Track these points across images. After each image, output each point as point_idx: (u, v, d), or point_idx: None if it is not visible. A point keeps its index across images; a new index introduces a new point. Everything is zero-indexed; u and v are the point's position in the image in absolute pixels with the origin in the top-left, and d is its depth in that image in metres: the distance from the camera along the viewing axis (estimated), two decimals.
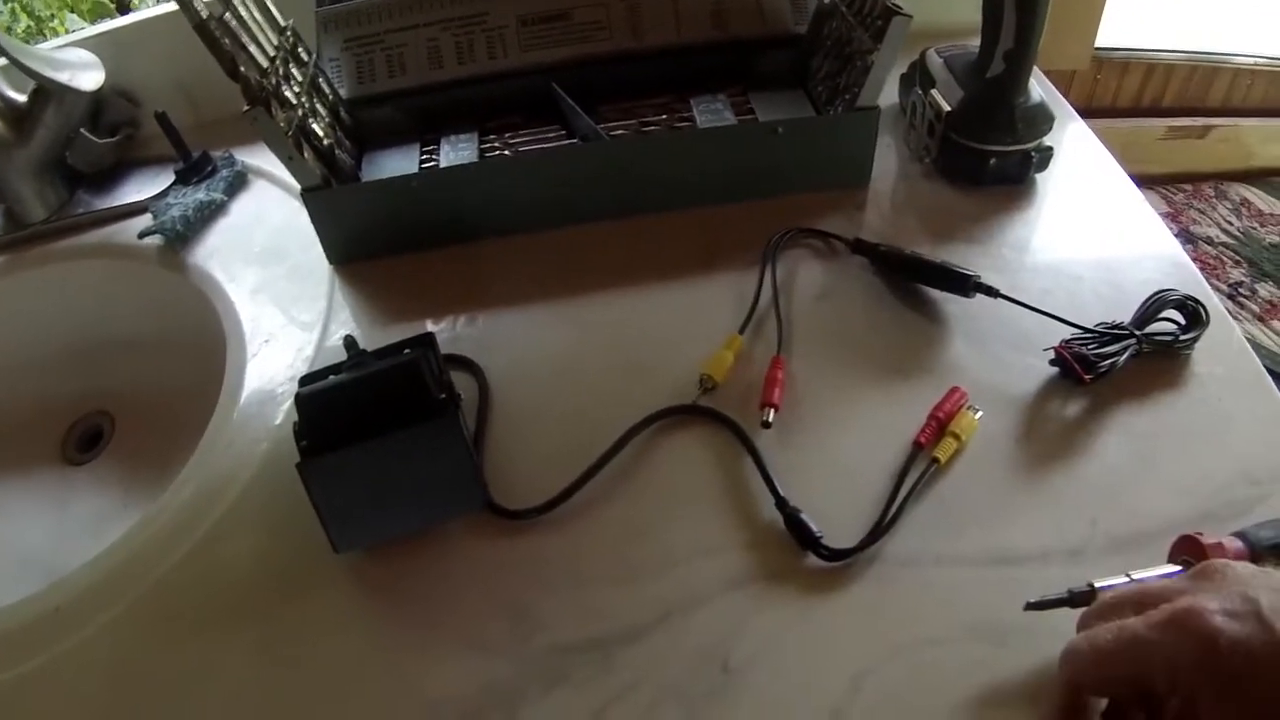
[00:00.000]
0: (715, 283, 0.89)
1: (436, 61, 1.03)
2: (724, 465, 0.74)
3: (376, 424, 0.68)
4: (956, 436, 0.71)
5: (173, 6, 1.13)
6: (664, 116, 1.02)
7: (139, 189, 1.12)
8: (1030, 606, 0.60)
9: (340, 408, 0.70)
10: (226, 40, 0.82)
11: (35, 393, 1.10)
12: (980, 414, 0.73)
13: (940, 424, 0.72)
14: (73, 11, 1.75)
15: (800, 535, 0.67)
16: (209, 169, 1.12)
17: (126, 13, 1.24)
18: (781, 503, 0.69)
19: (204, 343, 0.97)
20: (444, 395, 0.70)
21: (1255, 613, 0.46)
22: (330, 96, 1.00)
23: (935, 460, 0.70)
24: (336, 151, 0.95)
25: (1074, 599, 0.59)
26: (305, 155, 0.88)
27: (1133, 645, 0.50)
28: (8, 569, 0.95)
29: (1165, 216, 1.50)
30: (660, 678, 0.62)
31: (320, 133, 0.93)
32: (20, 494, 1.04)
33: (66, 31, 1.70)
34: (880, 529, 0.67)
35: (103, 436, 1.09)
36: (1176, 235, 0.91)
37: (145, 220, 1.07)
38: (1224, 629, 0.46)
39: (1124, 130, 1.65)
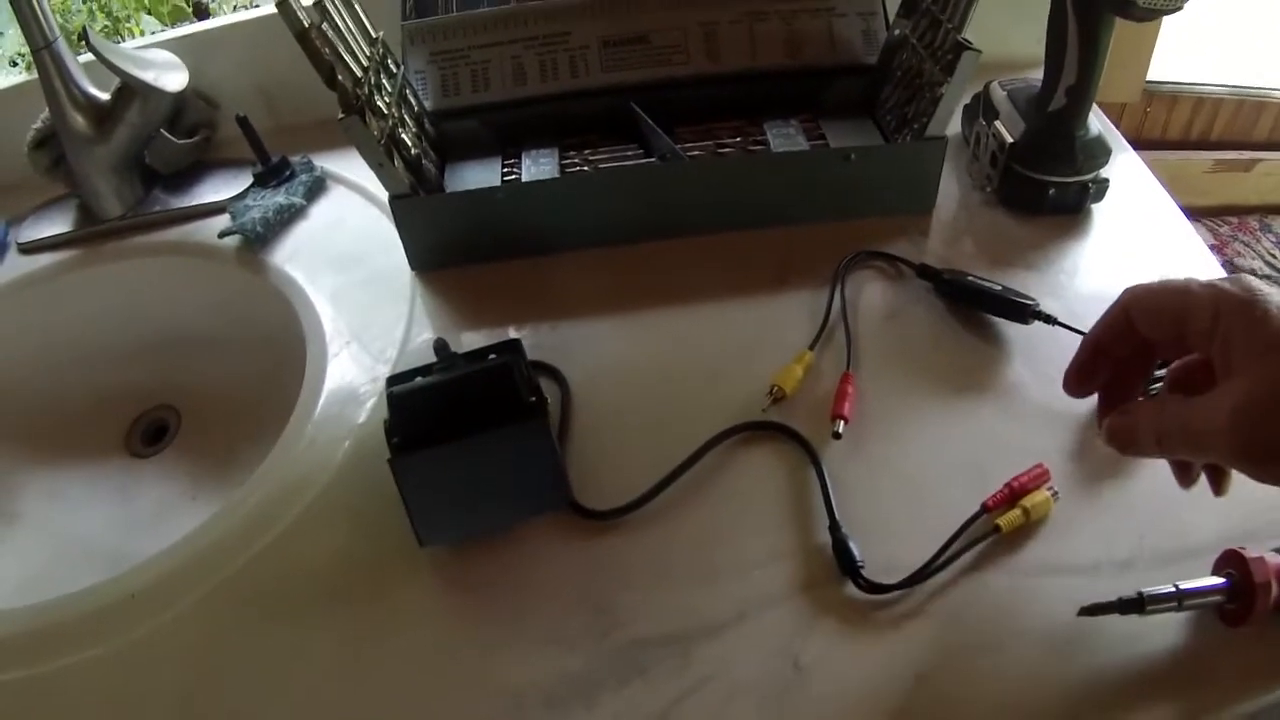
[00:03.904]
0: (787, 300, 0.91)
1: (520, 78, 1.05)
2: (795, 476, 0.76)
3: (467, 424, 0.70)
4: (1026, 512, 0.70)
5: (254, 13, 1.17)
6: (738, 139, 1.05)
7: (215, 190, 1.15)
8: (1083, 612, 0.63)
9: (431, 407, 0.72)
10: (326, 50, 0.85)
11: (103, 385, 1.12)
12: (1058, 497, 0.72)
13: (1013, 493, 0.72)
14: (149, 14, 1.78)
15: (843, 561, 0.69)
16: (287, 173, 1.14)
17: (205, 17, 1.27)
18: (834, 526, 0.71)
19: (278, 343, 1.00)
20: (533, 398, 0.73)
21: None
22: (416, 108, 1.03)
23: (997, 528, 0.70)
24: (423, 161, 0.97)
25: (1124, 606, 0.62)
26: (395, 164, 0.91)
27: (1189, 285, 0.56)
28: (73, 558, 0.97)
29: (1210, 249, 1.52)
30: (734, 673, 0.65)
31: (409, 142, 0.95)
32: (85, 485, 1.06)
33: (141, 33, 1.73)
34: (924, 573, 0.68)
35: (168, 431, 1.11)
36: (1221, 267, 0.93)
37: (221, 221, 1.09)
38: (1268, 291, 0.53)
39: (1172, 162, 1.67)
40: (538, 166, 1.03)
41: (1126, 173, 1.03)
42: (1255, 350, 0.52)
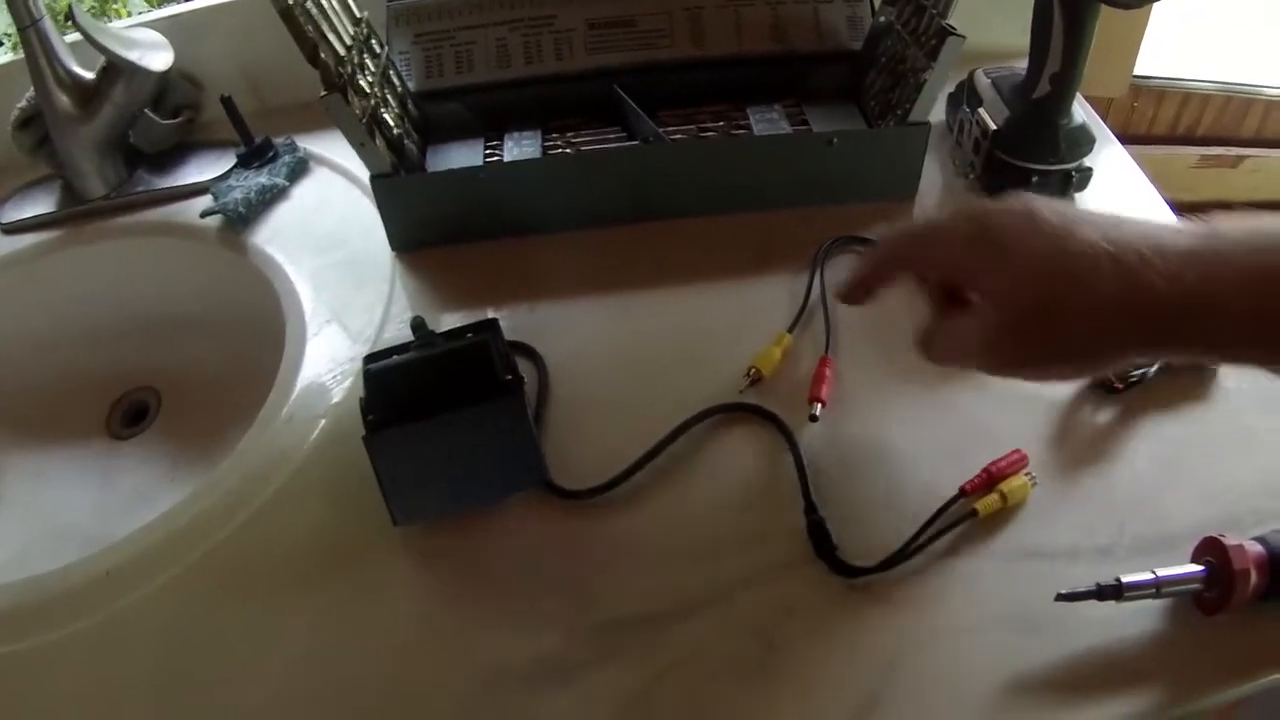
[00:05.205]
0: (767, 284, 0.91)
1: (504, 60, 1.05)
2: (771, 459, 0.77)
3: (442, 401, 0.70)
4: (1003, 496, 0.71)
5: None
6: (721, 124, 1.05)
7: (199, 171, 1.14)
8: (1061, 598, 0.63)
9: (407, 384, 0.73)
10: (309, 28, 0.84)
11: (84, 366, 1.12)
12: (1036, 483, 0.72)
13: (991, 478, 0.72)
14: None
15: (819, 544, 0.69)
16: (270, 154, 1.14)
17: None
18: (811, 508, 0.71)
19: (259, 323, 1.00)
20: (510, 376, 0.73)
21: (1026, 209, 0.57)
22: (400, 88, 1.02)
23: (975, 512, 0.70)
24: (405, 141, 0.97)
25: (1102, 592, 0.62)
26: (377, 143, 0.91)
27: (927, 228, 0.64)
28: (52, 539, 0.96)
29: None
30: (711, 653, 0.65)
31: (391, 122, 0.95)
32: (65, 466, 1.06)
33: (128, 14, 1.73)
34: (900, 556, 0.68)
35: (148, 413, 1.11)
36: None
37: (204, 202, 1.09)
38: (995, 212, 0.58)
39: (1158, 157, 1.66)
40: (520, 148, 1.03)
41: (1111, 164, 1.03)
42: (996, 280, 0.57)
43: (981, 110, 0.98)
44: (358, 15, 0.96)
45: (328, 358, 0.89)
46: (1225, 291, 0.51)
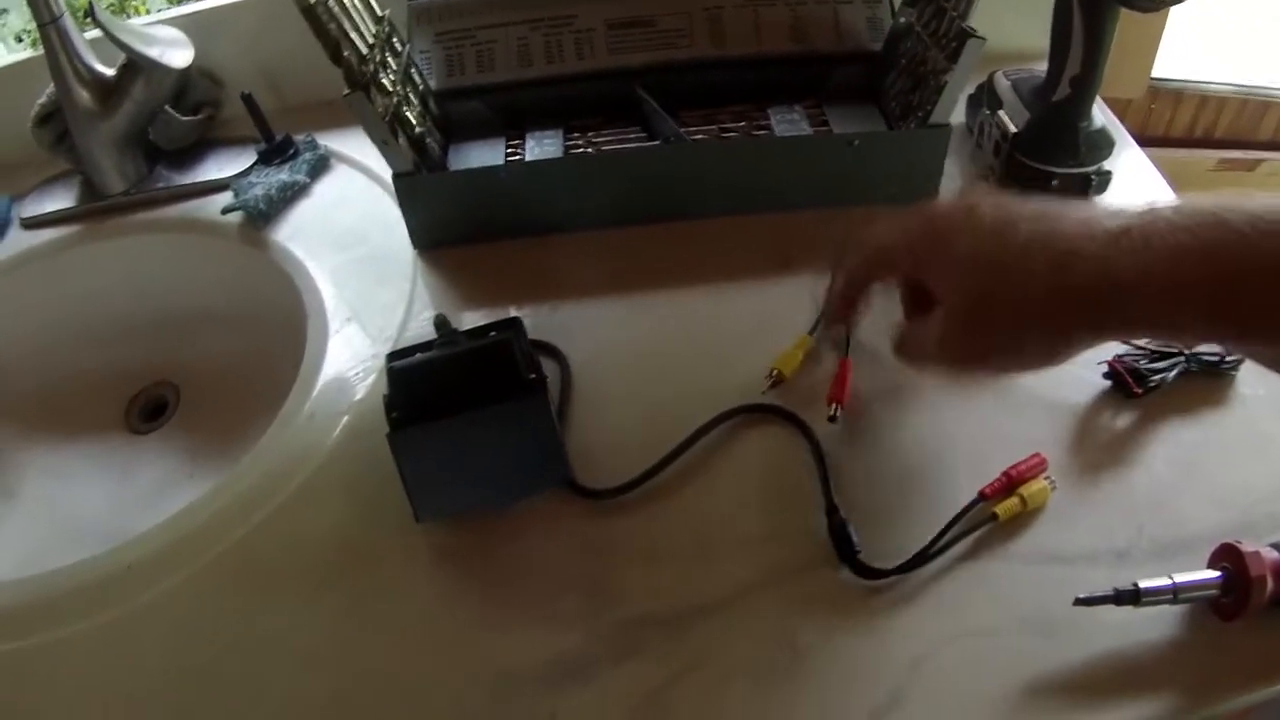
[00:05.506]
0: (788, 285, 0.91)
1: (525, 59, 1.05)
2: (793, 460, 0.77)
3: (466, 399, 0.70)
4: (1023, 500, 0.70)
5: None
6: (742, 124, 1.05)
7: (219, 168, 1.15)
8: (1079, 602, 0.63)
9: (431, 382, 0.73)
10: (332, 25, 0.85)
11: (103, 361, 1.12)
12: (1055, 487, 0.72)
13: (1011, 482, 0.72)
14: None
15: (840, 546, 0.69)
16: (291, 151, 1.14)
17: None
18: (832, 510, 0.71)
19: (279, 319, 1.00)
20: (533, 375, 0.73)
21: (970, 205, 0.60)
22: (421, 87, 1.03)
23: (994, 516, 0.70)
24: (427, 140, 0.97)
25: (1120, 597, 0.62)
26: (399, 141, 0.91)
27: (880, 234, 0.65)
28: (70, 535, 0.97)
29: None
30: (731, 653, 0.65)
31: (413, 121, 0.95)
32: (84, 461, 1.06)
33: (148, 11, 1.73)
34: (921, 559, 0.68)
35: (167, 408, 1.11)
36: None
37: (223, 199, 1.09)
38: (940, 212, 0.62)
39: (1175, 160, 1.65)
40: (542, 148, 1.03)
41: (1130, 167, 1.02)
42: (943, 279, 0.60)
43: (1001, 112, 0.99)
44: (379, 14, 0.96)
45: (349, 355, 0.90)
46: (1150, 272, 0.52)
